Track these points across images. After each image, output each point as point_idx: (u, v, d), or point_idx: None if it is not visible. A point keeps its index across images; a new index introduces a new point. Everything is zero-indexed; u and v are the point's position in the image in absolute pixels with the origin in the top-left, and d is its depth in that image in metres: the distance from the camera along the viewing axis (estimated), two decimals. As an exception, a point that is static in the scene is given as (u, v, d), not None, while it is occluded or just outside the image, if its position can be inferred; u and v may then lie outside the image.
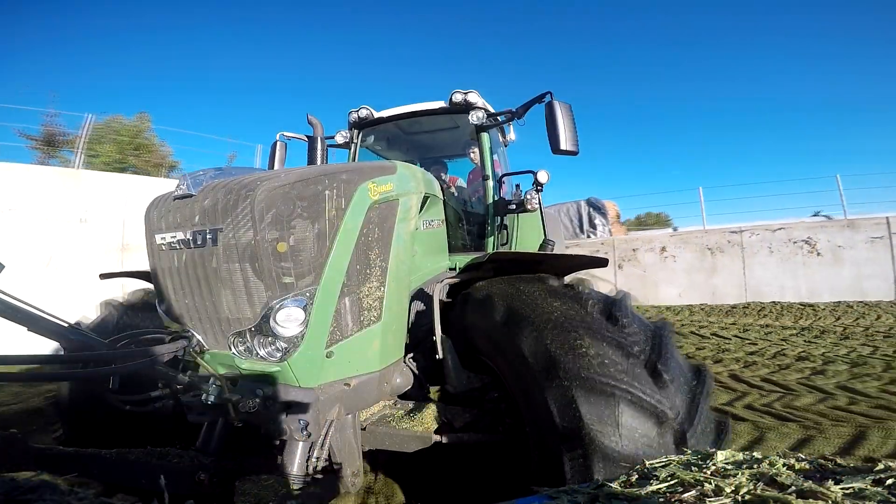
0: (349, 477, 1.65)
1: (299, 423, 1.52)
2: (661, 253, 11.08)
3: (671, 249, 11.00)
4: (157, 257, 1.66)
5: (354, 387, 1.68)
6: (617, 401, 1.32)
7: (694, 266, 10.68)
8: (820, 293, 9.42)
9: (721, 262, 10.42)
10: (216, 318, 1.55)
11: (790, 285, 9.73)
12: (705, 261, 10.56)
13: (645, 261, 11.26)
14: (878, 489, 0.71)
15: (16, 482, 0.98)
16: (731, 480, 0.78)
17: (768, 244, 10.04)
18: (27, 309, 1.41)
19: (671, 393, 1.37)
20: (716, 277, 10.43)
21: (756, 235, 10.22)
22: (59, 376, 1.40)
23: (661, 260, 11.06)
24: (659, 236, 11.70)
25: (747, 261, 10.17)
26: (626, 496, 0.77)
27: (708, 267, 10.53)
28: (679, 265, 10.85)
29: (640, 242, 11.62)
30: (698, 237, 10.86)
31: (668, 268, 10.99)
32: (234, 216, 1.47)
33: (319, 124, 2.80)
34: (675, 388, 1.39)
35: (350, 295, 1.67)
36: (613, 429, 1.29)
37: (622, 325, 1.53)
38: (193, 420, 1.70)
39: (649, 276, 11.15)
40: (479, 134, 3.34)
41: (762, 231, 10.21)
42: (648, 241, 11.51)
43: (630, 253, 11.50)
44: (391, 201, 1.91)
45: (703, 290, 10.48)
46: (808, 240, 9.75)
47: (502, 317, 1.67)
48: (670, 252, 10.99)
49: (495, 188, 3.34)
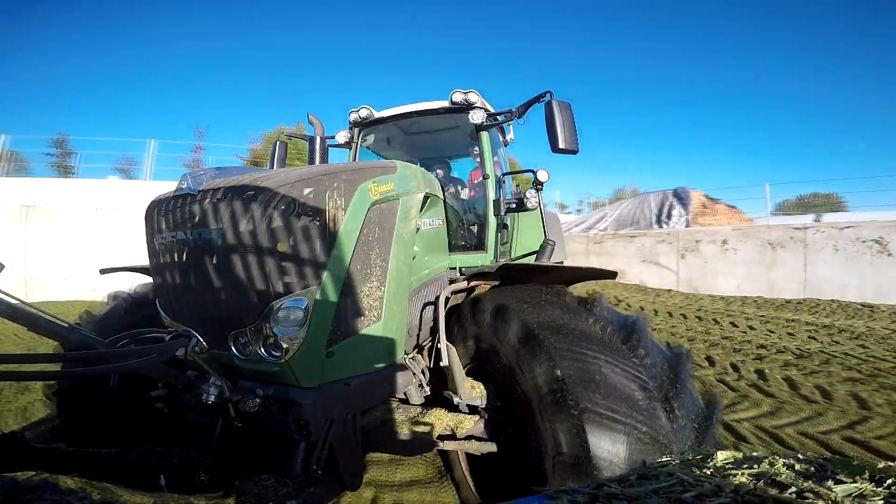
0: (349, 477, 1.65)
1: (299, 423, 1.51)
2: (722, 245, 11.36)
3: (732, 243, 11.24)
4: (157, 256, 1.65)
5: (354, 387, 1.68)
6: (627, 436, 1.31)
7: (754, 259, 10.83)
8: (886, 294, 9.22)
9: (782, 258, 10.50)
10: (216, 317, 1.55)
11: (854, 284, 9.55)
12: (765, 255, 10.70)
13: (706, 252, 11.63)
14: (878, 489, 0.71)
15: (16, 482, 0.98)
16: (731, 480, 0.78)
17: (833, 242, 9.94)
18: (27, 309, 1.40)
19: (681, 427, 1.36)
20: (775, 272, 10.54)
21: (821, 233, 10.18)
22: (58, 376, 1.39)
23: (722, 252, 11.33)
24: (721, 230, 11.99)
25: (809, 258, 10.17)
26: (626, 496, 0.77)
27: (768, 261, 10.66)
28: (739, 258, 11.06)
29: (702, 234, 11.96)
30: (761, 232, 11.04)
31: (728, 260, 11.24)
32: (234, 216, 1.47)
33: (319, 124, 2.80)
34: (686, 422, 1.38)
35: (350, 295, 1.67)
36: (620, 462, 1.29)
37: (639, 356, 1.50)
38: (193, 420, 1.70)
39: (710, 267, 11.47)
40: (479, 133, 3.34)
41: (828, 229, 10.19)
42: (711, 233, 11.83)
43: (693, 244, 11.88)
44: (392, 201, 1.90)
45: (761, 282, 10.61)
46: (878, 239, 9.55)
47: (515, 334, 1.65)
48: (731, 245, 11.23)
49: (495, 187, 3.34)
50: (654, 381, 1.45)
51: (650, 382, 1.43)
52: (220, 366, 1.58)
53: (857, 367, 4.63)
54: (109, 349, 1.59)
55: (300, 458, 1.56)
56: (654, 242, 12.68)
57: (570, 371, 1.45)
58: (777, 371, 4.55)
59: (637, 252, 13.01)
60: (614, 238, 14.16)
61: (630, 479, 0.86)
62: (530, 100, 3.00)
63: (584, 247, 14.70)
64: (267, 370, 1.53)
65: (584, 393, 1.38)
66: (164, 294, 1.70)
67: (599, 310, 1.70)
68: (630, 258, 13.11)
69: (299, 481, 1.50)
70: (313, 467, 1.55)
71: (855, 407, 3.51)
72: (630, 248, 13.27)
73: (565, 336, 1.55)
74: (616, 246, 13.80)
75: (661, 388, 1.44)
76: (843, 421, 3.23)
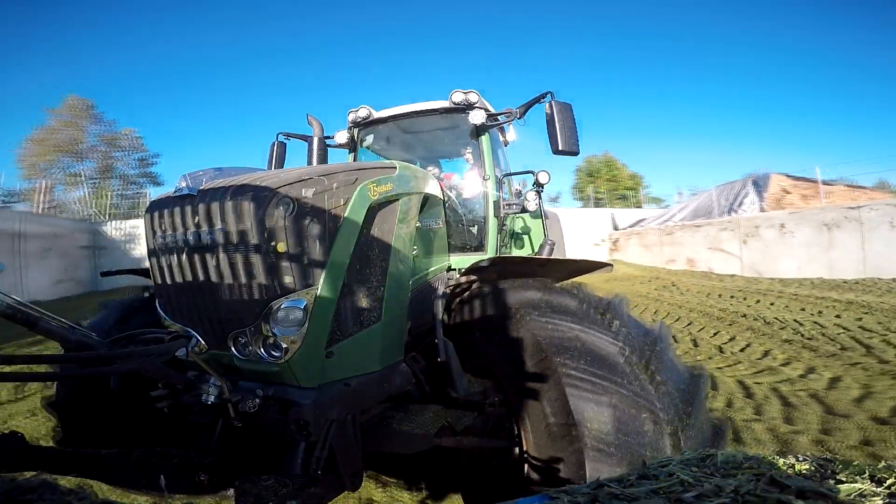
0: (349, 477, 1.65)
1: (299, 423, 1.51)
2: (780, 229, 11.74)
3: (789, 226, 11.61)
4: (157, 257, 1.65)
5: (354, 387, 1.68)
6: (610, 399, 1.34)
7: (811, 241, 11.12)
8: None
9: (839, 238, 10.71)
10: (216, 317, 1.55)
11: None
12: (822, 236, 10.97)
13: (765, 237, 12.04)
14: (878, 489, 0.71)
15: (16, 482, 0.98)
16: (731, 480, 0.78)
17: (890, 219, 10.01)
18: (27, 309, 1.40)
19: (664, 393, 1.38)
20: (832, 252, 10.76)
21: (875, 211, 10.27)
22: (58, 376, 1.40)
23: (781, 236, 11.72)
24: (777, 215, 12.44)
25: (866, 235, 10.30)
26: (626, 496, 0.77)
27: (825, 242, 10.90)
28: (796, 240, 11.39)
29: (761, 220, 12.38)
30: (816, 214, 11.33)
31: (786, 243, 11.60)
32: (234, 216, 1.47)
33: (319, 124, 2.81)
34: (669, 389, 1.40)
35: (350, 295, 1.67)
36: (604, 425, 1.31)
37: (616, 329, 1.56)
38: (193, 420, 1.70)
39: (770, 251, 11.86)
40: (480, 134, 3.34)
41: (882, 206, 10.29)
42: (768, 219, 12.29)
43: (753, 230, 12.32)
44: (391, 201, 1.91)
45: (820, 263, 10.87)
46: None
47: (504, 324, 1.68)
48: (788, 229, 11.61)
49: (495, 188, 3.34)
50: (631, 347, 1.51)
51: (627, 350, 1.50)
52: (220, 366, 1.58)
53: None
54: (110, 350, 1.59)
55: (300, 458, 1.56)
56: (718, 230, 13.30)
57: (551, 341, 1.53)
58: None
59: (703, 240, 13.62)
60: (682, 229, 14.80)
61: (630, 479, 0.86)
62: (531, 100, 3.00)
63: (658, 238, 15.44)
64: (267, 370, 1.53)
65: (566, 361, 1.45)
66: (164, 294, 1.70)
67: (581, 293, 1.75)
68: (697, 246, 13.79)
69: (299, 481, 1.50)
70: (313, 467, 1.55)
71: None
72: (697, 237, 13.93)
73: (543, 311, 1.65)
74: (684, 236, 14.44)
75: (641, 355, 1.49)
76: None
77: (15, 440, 1.45)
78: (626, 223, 19.91)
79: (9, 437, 1.45)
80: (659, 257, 15.60)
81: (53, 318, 1.50)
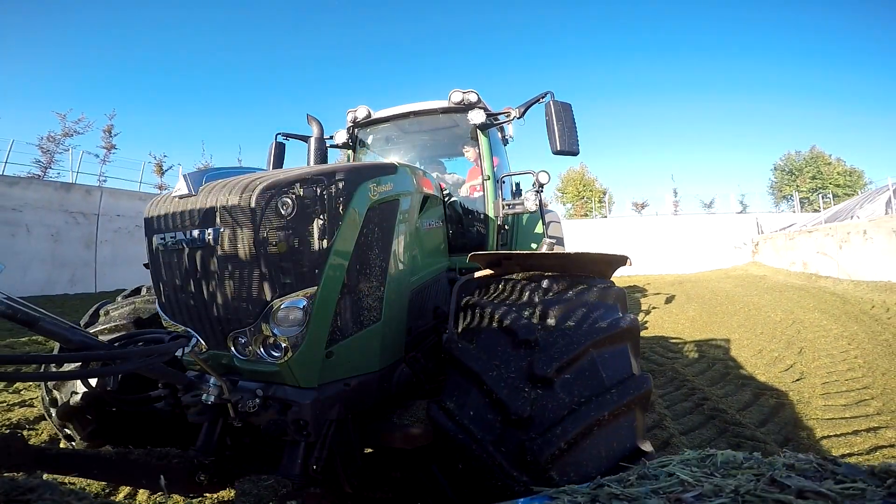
0: (349, 477, 1.65)
1: (299, 423, 1.51)
2: (864, 236, 12.35)
3: (870, 233, 12.24)
4: (157, 257, 1.65)
5: (354, 387, 1.68)
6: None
7: (891, 249, 11.45)
8: None
9: None
10: (216, 318, 1.55)
11: None
12: (892, 243, 11.39)
13: (855, 242, 12.73)
14: (878, 489, 0.71)
15: (16, 482, 0.98)
16: (731, 480, 0.78)
17: None
18: (27, 309, 1.40)
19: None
20: None
21: None
22: (58, 376, 1.39)
23: (864, 242, 12.34)
24: (859, 223, 13.06)
25: None
26: (626, 496, 0.77)
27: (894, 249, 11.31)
28: (877, 247, 11.86)
29: (851, 227, 13.16)
30: (886, 222, 11.82)
31: (870, 249, 12.10)
32: (234, 216, 1.47)
33: (319, 124, 2.80)
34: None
35: (350, 295, 1.67)
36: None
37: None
38: (193, 420, 1.70)
39: (862, 255, 12.40)
40: (479, 134, 3.34)
41: None
42: (855, 226, 12.97)
43: (846, 236, 13.18)
44: (391, 201, 1.90)
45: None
46: None
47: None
48: (869, 235, 12.27)
49: (495, 188, 3.34)
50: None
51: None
52: (220, 366, 1.58)
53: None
54: (110, 350, 1.58)
55: (300, 458, 1.56)
56: (823, 236, 14.31)
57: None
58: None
59: (813, 245, 14.78)
60: (800, 233, 16.14)
61: (630, 479, 0.86)
62: (531, 100, 3.00)
63: (783, 243, 17.11)
64: (266, 370, 1.53)
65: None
66: (164, 294, 1.70)
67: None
68: (807, 251, 15.09)
69: (299, 481, 1.50)
70: (313, 467, 1.55)
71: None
72: (809, 241, 15.20)
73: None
74: (801, 241, 15.81)
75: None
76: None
77: (15, 440, 1.45)
78: (776, 227, 21.18)
79: (9, 437, 1.45)
80: (785, 260, 17.05)
81: (53, 318, 1.50)
